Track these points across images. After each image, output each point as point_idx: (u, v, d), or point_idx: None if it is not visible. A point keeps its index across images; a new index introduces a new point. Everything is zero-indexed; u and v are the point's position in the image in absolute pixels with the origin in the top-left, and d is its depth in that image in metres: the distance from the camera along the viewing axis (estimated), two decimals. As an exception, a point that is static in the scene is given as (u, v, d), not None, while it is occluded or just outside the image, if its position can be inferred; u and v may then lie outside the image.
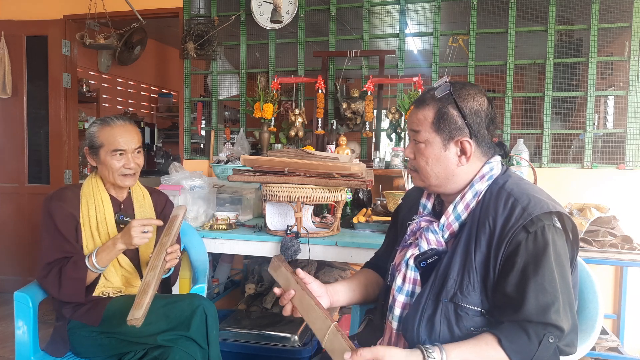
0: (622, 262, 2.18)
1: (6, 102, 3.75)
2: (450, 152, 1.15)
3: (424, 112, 1.16)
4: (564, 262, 1.06)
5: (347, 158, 2.31)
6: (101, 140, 1.71)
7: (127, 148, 1.71)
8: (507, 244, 1.06)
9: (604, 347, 2.38)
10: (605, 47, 3.05)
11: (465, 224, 1.14)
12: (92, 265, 1.61)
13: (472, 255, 1.09)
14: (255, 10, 3.26)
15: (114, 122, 1.73)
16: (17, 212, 3.80)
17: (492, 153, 1.19)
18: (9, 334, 2.94)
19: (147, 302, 1.43)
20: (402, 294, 1.19)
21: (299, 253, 2.07)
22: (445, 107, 1.13)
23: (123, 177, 1.74)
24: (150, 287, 1.47)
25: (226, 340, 2.29)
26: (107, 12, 3.38)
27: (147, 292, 1.45)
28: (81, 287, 1.62)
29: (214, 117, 3.46)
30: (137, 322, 1.38)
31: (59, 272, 1.61)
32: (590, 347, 1.23)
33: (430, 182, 1.19)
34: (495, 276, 1.07)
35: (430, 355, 0.99)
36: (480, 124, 1.14)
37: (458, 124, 1.13)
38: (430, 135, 1.15)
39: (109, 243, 1.64)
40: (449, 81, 1.17)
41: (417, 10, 3.12)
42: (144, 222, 1.60)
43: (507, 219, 1.07)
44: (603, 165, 2.82)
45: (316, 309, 1.11)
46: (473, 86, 1.17)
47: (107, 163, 1.71)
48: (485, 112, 1.14)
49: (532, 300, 1.01)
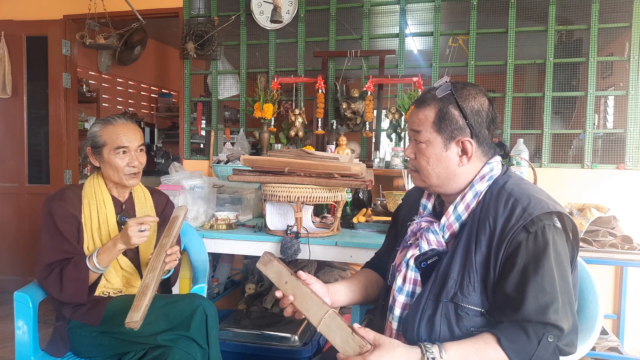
0: (622, 262, 2.18)
1: (6, 102, 3.75)
2: (451, 152, 1.15)
3: (425, 112, 1.16)
4: (564, 262, 1.06)
5: (347, 158, 2.31)
6: (104, 139, 1.71)
7: (130, 145, 1.71)
8: (508, 244, 1.06)
9: (604, 347, 2.38)
10: (605, 47, 3.05)
11: (466, 225, 1.14)
12: (93, 266, 1.61)
13: (473, 256, 1.09)
14: (255, 10, 3.26)
15: (116, 120, 1.74)
16: (17, 212, 3.80)
17: (493, 153, 1.19)
18: (9, 334, 2.94)
19: (146, 304, 1.42)
20: (402, 294, 1.19)
21: (299, 253, 2.07)
22: (446, 107, 1.13)
23: (128, 176, 1.73)
24: (149, 289, 1.46)
25: (226, 340, 2.29)
26: (107, 12, 3.38)
27: (145, 295, 1.45)
28: (84, 287, 1.62)
29: (214, 117, 3.46)
30: (135, 325, 1.38)
31: (60, 274, 1.60)
32: (590, 347, 1.23)
33: (432, 182, 1.19)
34: (495, 276, 1.07)
35: (429, 352, 0.99)
36: (482, 124, 1.14)
37: (459, 124, 1.13)
38: (432, 135, 1.15)
39: (109, 244, 1.64)
40: (450, 81, 1.17)
41: (417, 10, 3.12)
42: (140, 220, 1.59)
43: (507, 219, 1.07)
44: (603, 165, 2.82)
45: (312, 297, 1.10)
46: (474, 86, 1.17)
47: (111, 162, 1.71)
48: (486, 112, 1.15)
49: (531, 300, 1.01)
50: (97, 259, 1.61)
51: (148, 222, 1.61)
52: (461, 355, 1.01)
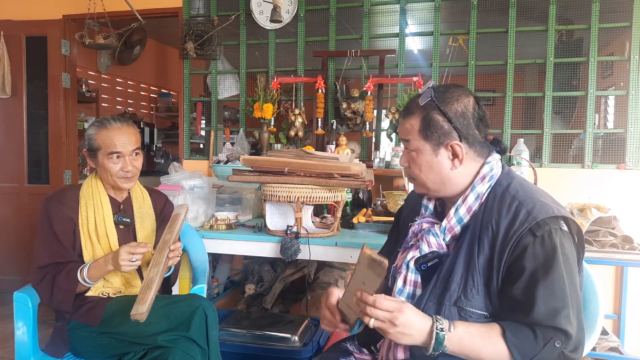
0: (622, 262, 2.18)
1: (6, 102, 3.74)
2: (441, 157, 1.15)
3: (411, 122, 1.17)
4: (572, 266, 1.05)
5: (347, 158, 2.31)
6: (98, 143, 1.70)
7: (124, 150, 1.70)
8: (512, 247, 1.05)
9: (604, 347, 2.38)
10: (605, 47, 3.05)
11: (468, 227, 1.13)
12: (82, 279, 1.61)
13: (476, 259, 1.08)
14: (255, 10, 3.25)
15: (110, 124, 1.71)
16: (17, 213, 3.80)
17: (488, 152, 1.19)
18: (9, 334, 2.93)
19: (151, 297, 1.43)
20: (402, 296, 1.19)
21: (299, 253, 2.06)
22: (429, 113, 1.14)
23: (122, 180, 1.73)
24: (154, 283, 1.48)
25: (226, 340, 2.29)
26: (106, 12, 3.37)
27: (150, 288, 1.46)
28: (71, 297, 1.62)
29: (214, 117, 3.45)
30: (141, 317, 1.38)
31: (52, 280, 1.61)
32: (591, 348, 1.22)
33: (428, 187, 1.20)
34: (499, 279, 1.06)
35: (439, 322, 1.01)
36: (468, 126, 1.14)
37: (445, 129, 1.13)
38: (420, 143, 1.16)
39: (100, 260, 1.64)
40: (432, 86, 1.17)
41: (417, 10, 3.12)
42: (132, 250, 1.58)
43: (511, 222, 1.06)
44: (603, 165, 2.82)
45: None
46: (457, 87, 1.17)
47: (105, 166, 1.71)
48: (471, 112, 1.14)
49: (541, 304, 1.00)
50: (88, 273, 1.61)
51: (140, 253, 1.59)
52: (467, 333, 1.02)
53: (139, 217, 1.82)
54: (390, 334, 1.01)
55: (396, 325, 0.98)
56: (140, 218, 1.82)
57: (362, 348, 1.35)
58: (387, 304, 0.99)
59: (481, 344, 1.01)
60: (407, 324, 0.99)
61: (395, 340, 1.03)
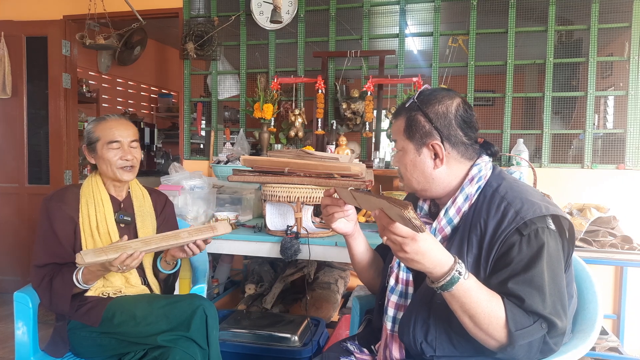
0: (622, 262, 2.18)
1: (6, 103, 3.75)
2: (424, 156, 1.18)
3: (397, 123, 1.23)
4: (555, 265, 1.06)
5: (347, 158, 2.31)
6: (97, 135, 1.73)
7: (123, 140, 1.74)
8: (500, 246, 1.07)
9: (604, 347, 2.38)
10: (605, 47, 3.05)
11: (458, 228, 1.15)
12: (77, 282, 1.61)
13: (465, 258, 1.10)
14: (255, 11, 3.26)
15: (108, 117, 1.79)
16: (17, 213, 3.80)
17: (476, 154, 1.20)
18: (9, 334, 2.94)
19: (107, 259, 1.45)
20: (394, 295, 1.21)
21: (299, 253, 2.07)
22: (412, 114, 1.19)
23: (122, 170, 1.75)
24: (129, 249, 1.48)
25: (226, 340, 2.29)
26: (107, 13, 3.38)
27: (118, 252, 1.46)
28: (67, 302, 1.61)
29: (214, 117, 3.46)
30: (81, 261, 1.41)
31: (50, 284, 1.61)
32: (590, 347, 1.22)
33: (414, 187, 1.23)
34: (485, 276, 1.08)
35: (460, 266, 0.99)
36: (449, 126, 1.16)
37: (426, 129, 1.17)
38: (404, 142, 1.21)
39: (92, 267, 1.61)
40: (421, 90, 1.23)
41: (417, 11, 3.12)
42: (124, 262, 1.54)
43: (499, 222, 1.08)
44: (603, 165, 2.82)
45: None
46: (444, 90, 1.21)
47: (105, 156, 1.72)
48: (453, 114, 1.16)
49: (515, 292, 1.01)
50: (83, 278, 1.60)
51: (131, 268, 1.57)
52: (477, 284, 1.01)
53: (140, 215, 1.82)
54: (399, 257, 1.00)
55: (406, 251, 0.96)
56: (141, 217, 1.82)
57: (363, 348, 1.35)
58: (400, 229, 0.96)
59: (485, 298, 1.01)
60: (419, 253, 0.96)
61: (404, 263, 1.02)
